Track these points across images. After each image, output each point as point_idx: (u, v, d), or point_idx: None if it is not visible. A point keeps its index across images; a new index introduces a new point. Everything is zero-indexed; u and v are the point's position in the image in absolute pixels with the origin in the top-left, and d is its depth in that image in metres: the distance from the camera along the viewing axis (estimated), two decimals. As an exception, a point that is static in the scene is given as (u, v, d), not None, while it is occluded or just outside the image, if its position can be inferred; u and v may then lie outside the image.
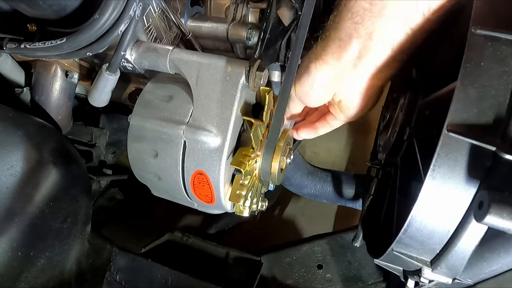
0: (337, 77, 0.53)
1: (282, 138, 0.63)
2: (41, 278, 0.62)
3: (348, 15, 0.49)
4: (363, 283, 0.90)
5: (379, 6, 0.46)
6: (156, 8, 0.66)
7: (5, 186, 0.56)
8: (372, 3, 0.46)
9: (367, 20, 0.47)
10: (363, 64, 0.51)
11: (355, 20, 0.48)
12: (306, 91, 0.57)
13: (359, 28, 0.48)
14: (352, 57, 0.51)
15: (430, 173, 0.40)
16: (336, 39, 0.51)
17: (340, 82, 0.54)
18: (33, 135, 0.63)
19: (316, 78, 0.54)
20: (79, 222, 0.70)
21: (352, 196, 1.05)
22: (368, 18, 0.47)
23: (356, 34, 0.49)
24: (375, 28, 0.47)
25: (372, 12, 0.47)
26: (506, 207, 0.33)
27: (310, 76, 0.55)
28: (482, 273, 0.48)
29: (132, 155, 0.63)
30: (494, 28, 0.39)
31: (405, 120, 0.59)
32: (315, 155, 1.55)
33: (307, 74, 0.55)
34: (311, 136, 0.69)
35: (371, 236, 0.67)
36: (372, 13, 0.47)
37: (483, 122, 0.38)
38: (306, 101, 0.60)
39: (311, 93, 0.57)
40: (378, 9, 0.46)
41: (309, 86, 0.56)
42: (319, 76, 0.54)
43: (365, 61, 0.50)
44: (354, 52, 0.50)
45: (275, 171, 0.61)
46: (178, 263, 0.81)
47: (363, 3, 0.47)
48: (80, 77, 0.75)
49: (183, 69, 0.59)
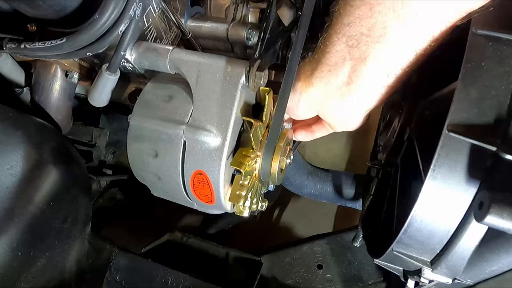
0: (322, 100, 0.53)
1: (282, 139, 0.63)
2: (41, 278, 0.62)
3: (343, 39, 0.46)
4: (363, 283, 0.90)
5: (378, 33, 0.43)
6: (156, 8, 0.66)
7: (5, 186, 0.55)
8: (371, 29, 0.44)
9: (363, 44, 0.45)
10: (351, 91, 0.49)
11: (349, 43, 0.46)
12: (291, 107, 0.57)
13: (353, 51, 0.46)
14: (340, 83, 0.49)
15: (430, 173, 0.40)
16: (325, 63, 0.49)
17: (325, 106, 0.54)
18: (33, 135, 0.63)
19: (301, 97, 0.55)
20: (79, 222, 0.70)
21: (352, 196, 1.05)
22: (365, 42, 0.45)
23: (350, 57, 0.46)
24: (370, 53, 0.45)
25: (371, 38, 0.44)
26: (506, 207, 0.33)
27: (295, 94, 0.55)
28: (482, 273, 0.48)
29: (132, 155, 0.63)
30: (495, 28, 0.39)
31: (405, 120, 0.59)
32: (315, 155, 1.55)
33: (293, 92, 0.55)
34: (307, 138, 0.69)
35: (371, 236, 0.67)
36: (370, 38, 0.44)
37: (484, 122, 0.38)
38: (290, 115, 0.60)
39: (295, 110, 0.58)
40: (377, 36, 0.43)
41: (294, 104, 0.56)
42: (304, 96, 0.54)
43: (354, 88, 0.48)
44: (343, 78, 0.48)
45: (275, 171, 0.61)
46: (178, 263, 0.81)
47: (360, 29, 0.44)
48: (80, 77, 0.75)
49: (183, 69, 0.59)
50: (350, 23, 0.45)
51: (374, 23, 0.43)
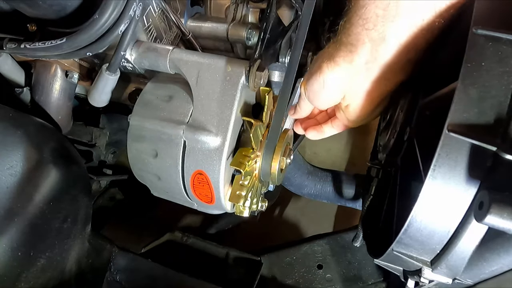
0: (348, 79, 0.53)
1: (282, 139, 0.63)
2: (41, 278, 0.62)
3: (360, 21, 0.48)
4: (363, 283, 0.90)
5: (393, 12, 0.45)
6: (156, 8, 0.66)
7: (5, 186, 0.55)
8: (386, 9, 0.46)
9: (380, 26, 0.47)
10: (375, 68, 0.50)
11: (366, 26, 0.48)
12: (317, 91, 0.56)
13: (371, 33, 0.48)
14: (364, 61, 0.50)
15: (430, 173, 0.40)
16: (347, 43, 0.50)
17: (351, 84, 0.53)
18: (33, 135, 0.63)
19: (328, 77, 0.54)
20: (79, 222, 0.70)
21: (352, 196, 1.05)
22: (382, 24, 0.47)
23: (368, 38, 0.48)
24: (389, 32, 0.47)
25: (386, 18, 0.46)
26: (506, 207, 0.33)
27: (322, 75, 0.54)
28: (482, 273, 0.48)
29: (132, 155, 0.63)
30: (495, 28, 0.39)
31: (405, 120, 0.59)
32: (315, 155, 1.55)
33: (319, 73, 0.54)
34: (318, 137, 0.68)
35: (371, 236, 0.67)
36: (385, 18, 0.46)
37: (484, 122, 0.38)
38: (315, 101, 0.59)
39: (321, 93, 0.56)
40: (392, 15, 0.46)
41: (320, 86, 0.55)
42: (331, 76, 0.53)
43: (377, 65, 0.50)
44: (366, 56, 0.50)
45: (275, 171, 0.61)
46: (178, 263, 0.81)
47: (376, 10, 0.46)
48: (80, 77, 0.75)
49: (183, 69, 0.59)
50: (365, 5, 0.47)
51: (388, 3, 0.45)
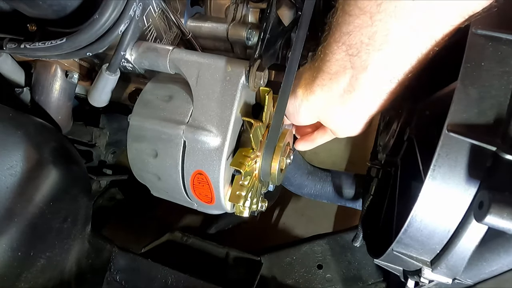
0: (323, 107, 0.53)
1: (282, 139, 0.63)
2: (41, 278, 0.62)
3: (343, 47, 0.45)
4: (363, 283, 0.90)
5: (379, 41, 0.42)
6: (156, 8, 0.66)
7: (5, 186, 0.55)
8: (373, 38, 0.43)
9: (364, 53, 0.44)
10: (352, 98, 0.49)
11: (350, 52, 0.45)
12: (292, 113, 0.58)
13: (354, 60, 0.45)
14: (341, 91, 0.49)
15: (430, 173, 0.40)
16: (326, 72, 0.49)
17: (326, 113, 0.54)
18: (33, 135, 0.63)
19: (302, 104, 0.55)
20: (79, 222, 0.70)
21: (352, 196, 1.05)
22: (366, 51, 0.44)
23: (350, 65, 0.46)
24: (372, 61, 0.44)
25: (372, 46, 0.43)
26: (506, 207, 0.33)
27: (296, 100, 0.55)
28: (482, 273, 0.48)
29: (131, 155, 0.63)
30: (495, 28, 0.39)
31: (405, 120, 0.59)
32: (315, 155, 1.55)
33: (294, 98, 0.55)
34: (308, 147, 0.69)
35: (371, 236, 0.67)
36: (371, 46, 0.43)
37: (484, 122, 0.38)
38: (292, 120, 0.61)
39: (295, 116, 0.58)
40: (378, 44, 0.43)
41: (295, 110, 0.57)
42: (305, 103, 0.55)
43: (355, 96, 0.48)
44: (344, 85, 0.48)
45: (275, 171, 0.61)
46: (178, 263, 0.81)
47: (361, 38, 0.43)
48: (80, 77, 0.75)
49: (183, 69, 0.59)
50: (349, 32, 0.44)
51: (375, 32, 0.42)
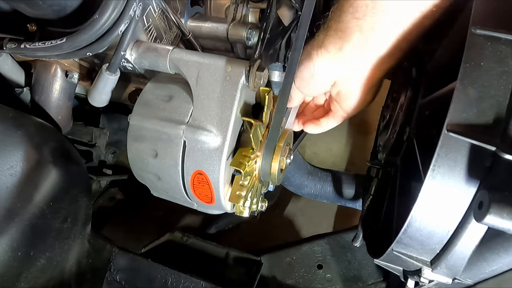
0: (337, 65, 0.53)
1: (282, 139, 0.63)
2: (41, 278, 0.62)
3: (350, 9, 0.48)
4: (363, 283, 0.90)
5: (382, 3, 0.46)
6: (156, 8, 0.66)
7: (5, 186, 0.55)
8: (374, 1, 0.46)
9: (369, 16, 0.47)
10: (364, 56, 0.51)
11: (356, 15, 0.48)
12: (306, 78, 0.57)
13: (360, 23, 0.48)
14: (353, 48, 0.51)
15: (430, 173, 0.40)
16: (337, 30, 0.51)
17: (340, 71, 0.54)
18: (33, 135, 0.63)
19: (317, 64, 0.54)
20: (79, 222, 0.70)
21: (352, 196, 1.05)
22: (371, 15, 0.47)
23: (358, 28, 0.48)
24: (378, 22, 0.47)
25: (375, 8, 0.46)
26: (506, 207, 0.33)
27: (311, 62, 0.55)
28: (482, 273, 0.48)
29: (131, 155, 0.63)
30: (494, 28, 0.39)
31: (405, 120, 0.59)
32: (315, 155, 1.55)
33: (308, 60, 0.55)
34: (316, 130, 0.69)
35: (371, 236, 0.67)
36: (374, 9, 0.46)
37: (483, 122, 0.38)
38: (304, 88, 0.60)
39: (311, 80, 0.57)
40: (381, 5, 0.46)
41: (310, 73, 0.56)
42: (320, 62, 0.54)
43: (366, 53, 0.50)
44: (355, 44, 0.50)
45: (275, 171, 0.61)
46: (178, 263, 0.81)
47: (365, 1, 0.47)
48: (80, 77, 0.75)
49: (183, 69, 0.59)
50: None
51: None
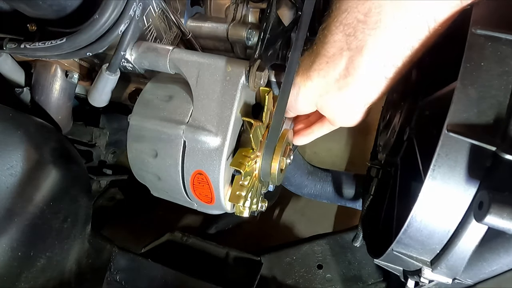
0: (320, 94, 0.53)
1: (282, 139, 0.63)
2: (41, 278, 0.62)
3: (340, 27, 0.46)
4: (363, 283, 0.90)
5: (374, 18, 0.42)
6: (156, 8, 0.66)
7: (5, 186, 0.56)
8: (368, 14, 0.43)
9: (359, 32, 0.44)
10: (348, 84, 0.48)
11: (347, 32, 0.45)
12: (291, 101, 0.58)
13: (350, 41, 0.45)
14: (337, 76, 0.49)
15: (430, 173, 0.40)
16: (323, 55, 0.49)
17: (323, 99, 0.54)
18: (33, 135, 0.63)
19: (300, 92, 0.55)
20: (79, 222, 0.70)
21: (352, 196, 1.05)
22: (361, 30, 0.44)
23: (347, 46, 0.46)
24: (367, 41, 0.44)
25: (367, 24, 0.43)
26: (506, 207, 0.33)
27: (294, 88, 0.55)
28: (482, 273, 0.48)
29: (131, 155, 0.63)
30: (494, 28, 0.39)
31: (405, 120, 0.59)
32: (315, 155, 1.55)
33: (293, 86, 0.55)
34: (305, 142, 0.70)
35: (371, 236, 0.67)
36: (366, 24, 0.43)
37: (483, 122, 0.38)
38: (290, 109, 0.60)
39: (294, 104, 0.58)
40: (373, 21, 0.43)
41: (293, 98, 0.57)
42: (302, 90, 0.55)
43: (351, 81, 0.48)
44: (340, 70, 0.48)
45: (275, 171, 0.61)
46: (178, 263, 0.81)
47: (357, 15, 0.44)
48: (80, 77, 0.75)
49: (183, 69, 0.59)
50: (347, 9, 0.45)
51: (370, 8, 0.42)
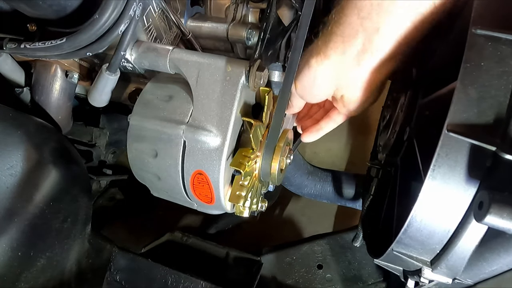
0: (339, 72, 0.53)
1: (282, 139, 0.63)
2: (41, 278, 0.62)
3: (354, 10, 0.48)
4: (363, 283, 0.90)
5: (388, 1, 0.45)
6: (156, 8, 0.66)
7: (5, 186, 0.56)
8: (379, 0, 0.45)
9: (375, 15, 0.46)
10: (367, 59, 0.50)
11: (361, 15, 0.47)
12: (307, 87, 0.56)
13: (365, 23, 0.47)
14: (355, 52, 0.50)
15: (430, 173, 0.40)
16: (339, 34, 0.50)
17: (342, 77, 0.53)
18: (33, 135, 0.63)
19: (317, 73, 0.53)
20: (79, 222, 0.70)
21: (352, 196, 1.05)
22: (376, 13, 0.46)
23: (362, 28, 0.48)
24: (383, 22, 0.46)
25: (381, 7, 0.45)
26: (506, 207, 0.33)
27: (311, 71, 0.54)
28: (482, 273, 0.48)
29: (131, 155, 0.63)
30: (494, 28, 0.39)
31: (405, 120, 0.59)
32: (315, 155, 1.55)
33: (307, 69, 0.54)
34: (315, 138, 0.68)
35: (371, 236, 0.67)
36: (380, 7, 0.46)
37: (483, 122, 0.38)
38: (307, 96, 0.59)
39: (312, 88, 0.56)
40: (387, 4, 0.45)
41: (310, 81, 0.55)
42: (320, 71, 0.53)
43: (369, 56, 0.50)
44: (358, 47, 0.49)
45: (275, 171, 0.61)
46: (178, 263, 0.81)
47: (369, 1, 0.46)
48: (80, 77, 0.75)
49: (183, 69, 0.59)
50: None
51: None
